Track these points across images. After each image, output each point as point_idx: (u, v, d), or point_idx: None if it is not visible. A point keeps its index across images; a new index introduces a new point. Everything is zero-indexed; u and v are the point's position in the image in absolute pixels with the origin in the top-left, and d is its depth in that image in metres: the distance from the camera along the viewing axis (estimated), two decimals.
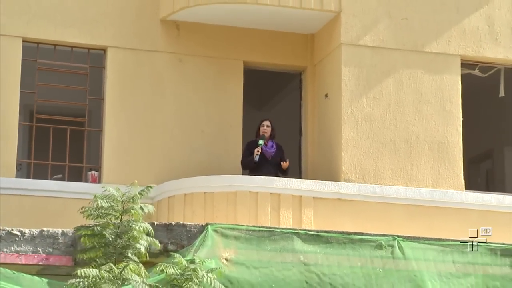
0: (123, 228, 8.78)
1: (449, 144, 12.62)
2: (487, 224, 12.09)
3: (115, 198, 8.84)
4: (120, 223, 8.79)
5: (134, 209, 8.75)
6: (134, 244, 8.73)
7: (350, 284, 10.00)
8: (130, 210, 8.74)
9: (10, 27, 12.20)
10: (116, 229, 8.79)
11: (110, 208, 8.78)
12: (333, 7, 12.50)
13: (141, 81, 12.61)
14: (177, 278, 8.56)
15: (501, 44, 13.06)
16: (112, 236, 8.79)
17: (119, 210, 8.80)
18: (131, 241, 8.74)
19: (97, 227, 8.89)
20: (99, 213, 8.81)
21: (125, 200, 8.86)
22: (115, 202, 8.82)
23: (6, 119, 12.04)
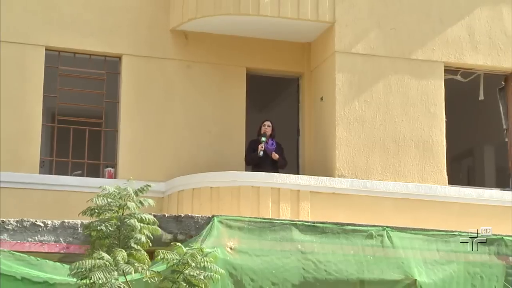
0: (123, 222, 8.75)
1: (434, 143, 12.61)
2: (467, 216, 12.12)
3: (114, 195, 8.81)
4: (119, 217, 8.76)
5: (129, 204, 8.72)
6: (134, 235, 8.70)
7: (343, 270, 9.98)
8: (125, 205, 8.72)
9: (34, 37, 12.22)
10: (117, 222, 8.78)
11: (107, 205, 8.76)
12: (327, 18, 12.50)
13: (153, 85, 12.62)
14: (176, 264, 8.54)
15: (480, 52, 13.06)
16: (111, 229, 8.76)
17: (118, 206, 8.77)
18: (132, 232, 8.71)
19: (95, 223, 8.87)
20: (98, 211, 8.80)
21: (124, 196, 8.82)
22: (114, 199, 8.79)
23: (31, 120, 12.08)
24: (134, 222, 8.60)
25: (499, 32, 13.16)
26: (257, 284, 9.68)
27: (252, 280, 9.67)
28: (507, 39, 13.16)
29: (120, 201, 8.68)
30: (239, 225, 9.89)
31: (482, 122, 14.90)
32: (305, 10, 12.39)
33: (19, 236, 9.36)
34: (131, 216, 8.63)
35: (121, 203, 8.66)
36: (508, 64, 13.13)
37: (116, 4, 12.60)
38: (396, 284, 10.12)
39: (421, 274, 10.18)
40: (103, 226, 8.63)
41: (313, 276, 9.89)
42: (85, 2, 12.49)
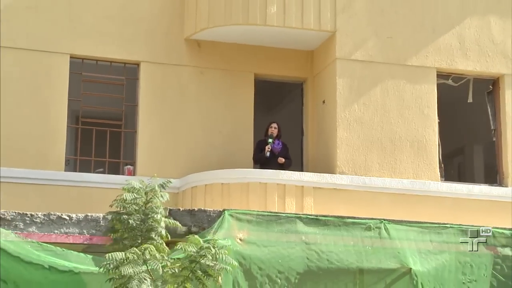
0: (146, 215, 8.77)
1: (427, 142, 12.60)
2: (458, 209, 12.11)
3: (139, 190, 8.82)
4: (143, 211, 8.77)
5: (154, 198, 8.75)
6: (156, 227, 8.72)
7: (344, 260, 9.99)
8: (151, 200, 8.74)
9: (59, 45, 12.23)
10: (141, 215, 8.79)
11: (134, 199, 8.77)
12: (329, 28, 12.49)
13: (168, 90, 12.62)
14: (194, 255, 8.55)
15: (470, 58, 13.03)
16: (137, 222, 8.78)
17: (143, 200, 8.78)
18: (154, 224, 8.73)
19: (123, 216, 8.89)
20: (125, 204, 8.81)
21: (148, 191, 8.84)
22: (138, 193, 8.80)
23: (56, 122, 12.08)
24: (159, 217, 8.64)
25: (487, 40, 13.13)
26: (265, 272, 9.69)
27: (260, 269, 9.68)
28: (494, 47, 13.14)
29: (145, 196, 8.71)
30: (248, 218, 9.91)
31: (471, 123, 14.87)
32: (309, 20, 12.39)
33: (46, 228, 9.39)
34: (156, 211, 8.66)
35: (146, 198, 8.69)
36: (495, 70, 13.10)
37: (135, 15, 12.61)
38: (393, 272, 10.13)
39: (415, 263, 10.18)
40: (131, 219, 8.67)
41: (316, 265, 9.90)
42: (106, 14, 12.50)
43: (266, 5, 12.23)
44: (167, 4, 12.75)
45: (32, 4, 12.15)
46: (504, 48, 13.16)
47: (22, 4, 12.04)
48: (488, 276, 10.46)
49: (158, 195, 8.77)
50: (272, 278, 9.71)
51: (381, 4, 12.77)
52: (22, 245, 8.98)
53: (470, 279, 10.41)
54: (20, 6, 12.00)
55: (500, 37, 13.17)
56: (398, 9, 12.82)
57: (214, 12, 12.38)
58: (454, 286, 10.29)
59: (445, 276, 10.28)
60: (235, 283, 9.33)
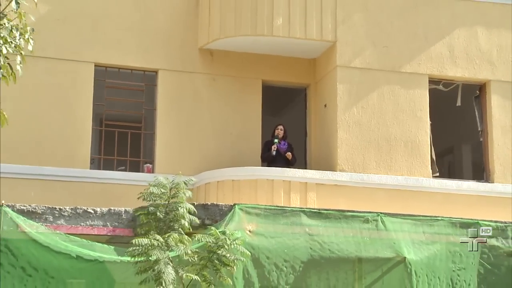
0: (171, 208, 8.79)
1: (420, 142, 12.57)
2: (448, 204, 12.08)
3: (164, 185, 8.85)
4: (168, 204, 8.79)
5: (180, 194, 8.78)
6: (179, 220, 8.74)
7: (344, 249, 9.97)
8: (176, 195, 8.76)
9: (85, 55, 12.26)
10: (165, 209, 8.81)
11: (160, 193, 8.80)
12: (330, 38, 12.49)
13: (184, 95, 12.61)
14: (211, 245, 8.57)
15: (459, 66, 13.01)
16: (162, 214, 8.80)
17: (167, 195, 8.81)
18: (177, 217, 8.75)
19: (150, 208, 8.92)
20: (152, 198, 8.83)
21: (172, 187, 8.87)
22: (164, 188, 8.83)
23: (82, 125, 12.10)
24: (183, 211, 8.66)
25: (475, 49, 13.10)
26: (272, 261, 9.69)
27: (267, 258, 9.68)
28: (481, 55, 13.11)
29: (170, 192, 8.72)
30: (256, 212, 9.90)
31: (460, 125, 14.84)
32: (311, 31, 12.38)
33: (73, 221, 9.41)
34: (178, 204, 8.69)
35: (173, 193, 8.71)
36: (482, 76, 13.07)
37: (153, 27, 12.62)
38: (389, 261, 10.11)
39: (409, 252, 10.16)
40: (158, 212, 8.70)
41: (318, 255, 9.90)
42: (127, 26, 12.51)
43: (273, 18, 12.24)
44: (182, 17, 12.76)
45: (61, 17, 12.20)
46: (490, 56, 13.13)
47: (52, 17, 12.08)
48: (476, 264, 10.44)
49: (182, 191, 8.79)
50: (279, 266, 9.71)
51: (378, 16, 12.76)
52: (51, 236, 9.02)
53: (459, 267, 10.39)
54: (50, 19, 12.03)
55: (486, 46, 13.14)
56: (393, 21, 12.81)
57: (225, 24, 12.39)
58: (444, 273, 10.27)
59: (436, 264, 10.27)
60: (245, 271, 9.34)
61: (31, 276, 8.88)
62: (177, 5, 12.75)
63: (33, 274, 8.88)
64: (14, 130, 11.22)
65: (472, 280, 10.33)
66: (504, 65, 13.17)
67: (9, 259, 8.82)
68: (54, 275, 8.93)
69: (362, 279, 10.08)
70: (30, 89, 11.79)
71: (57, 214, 9.36)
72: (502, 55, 13.18)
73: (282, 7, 12.27)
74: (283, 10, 12.29)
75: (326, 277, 9.90)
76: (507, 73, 13.14)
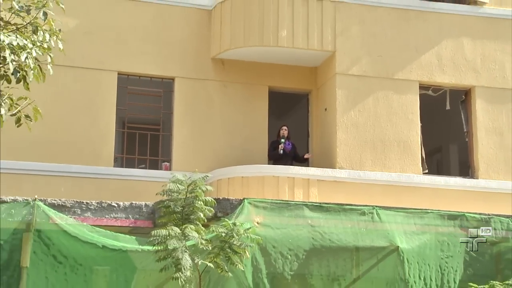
0: (188, 202, 8.79)
1: (411, 142, 12.57)
2: (437, 198, 12.06)
3: (182, 182, 8.86)
4: (185, 199, 8.80)
5: (198, 189, 8.78)
6: (196, 212, 8.74)
7: (343, 239, 9.94)
8: (194, 190, 8.76)
9: (109, 64, 12.30)
10: (183, 203, 8.81)
11: (177, 189, 8.81)
12: (330, 48, 12.50)
13: (198, 100, 12.64)
14: (224, 236, 8.57)
15: (446, 73, 13.00)
16: (179, 208, 8.81)
17: (185, 190, 8.81)
18: (194, 210, 8.76)
19: (169, 202, 8.93)
20: (170, 193, 8.84)
21: (189, 183, 8.87)
22: (182, 184, 8.83)
23: (106, 127, 12.15)
24: (200, 204, 8.68)
25: (461, 58, 13.08)
26: (277, 250, 9.67)
27: (273, 247, 9.65)
28: (467, 63, 13.09)
29: (188, 187, 8.73)
30: (264, 205, 9.87)
31: (448, 126, 14.82)
32: (313, 42, 12.39)
33: (99, 214, 9.41)
34: (195, 198, 8.70)
35: (190, 188, 8.72)
36: (467, 82, 13.05)
37: (170, 39, 12.65)
38: (383, 250, 10.07)
39: (402, 242, 10.13)
40: (176, 205, 8.71)
41: (320, 244, 9.87)
42: (147, 38, 12.54)
43: (278, 30, 12.25)
44: (196, 30, 12.78)
45: (87, 31, 12.24)
46: (474, 64, 13.12)
47: (79, 30, 12.13)
48: (462, 252, 10.40)
49: (201, 186, 8.80)
50: (284, 254, 9.69)
51: (373, 28, 12.76)
52: (79, 228, 9.02)
53: (447, 255, 10.35)
54: (78, 32, 12.08)
55: (471, 56, 13.12)
56: (387, 33, 12.80)
57: (235, 35, 12.41)
58: (434, 261, 10.24)
59: (426, 253, 10.23)
60: (253, 259, 9.33)
61: (61, 263, 8.90)
62: (191, 19, 12.78)
63: (63, 262, 8.90)
64: (45, 132, 11.31)
65: (459, 266, 10.30)
66: (487, 72, 13.15)
67: (42, 248, 8.85)
68: (82, 263, 8.94)
69: (359, 266, 10.06)
70: (59, 95, 11.86)
71: (84, 208, 9.38)
72: (486, 63, 13.16)
73: (286, 20, 12.29)
74: (287, 23, 12.30)
75: (327, 264, 9.88)
76: (490, 80, 13.12)
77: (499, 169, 12.84)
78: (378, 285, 10.08)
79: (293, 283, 9.73)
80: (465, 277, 10.14)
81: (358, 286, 10.02)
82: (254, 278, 9.41)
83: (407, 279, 10.00)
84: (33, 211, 8.93)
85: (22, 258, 8.76)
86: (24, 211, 8.94)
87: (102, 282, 9.13)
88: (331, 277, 9.91)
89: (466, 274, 10.22)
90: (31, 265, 8.75)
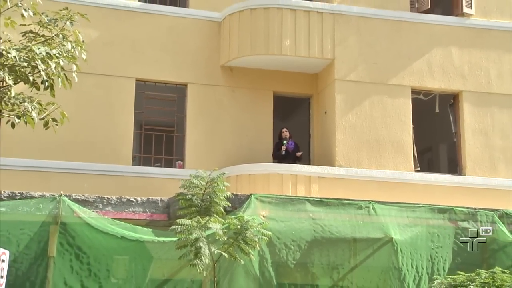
0: (206, 196, 8.81)
1: (404, 142, 12.57)
2: (428, 193, 12.06)
3: (203, 177, 8.87)
4: (204, 193, 8.81)
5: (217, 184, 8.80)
6: (215, 206, 8.75)
7: (341, 231, 9.93)
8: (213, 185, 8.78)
9: (128, 71, 12.35)
10: (201, 196, 8.82)
11: (199, 183, 8.82)
12: (329, 56, 12.51)
13: (208, 104, 12.65)
14: (238, 228, 8.57)
15: (436, 79, 13.00)
16: (198, 201, 8.81)
17: (204, 185, 8.83)
18: (212, 204, 8.77)
19: (189, 195, 8.94)
20: (192, 187, 8.85)
21: (208, 179, 8.88)
22: (202, 180, 8.84)
23: (125, 129, 12.18)
24: (221, 197, 8.70)
25: (449, 65, 13.09)
26: (282, 241, 9.67)
27: (278, 238, 9.64)
28: (455, 70, 13.09)
29: (207, 184, 8.74)
30: (269, 200, 9.87)
31: (437, 128, 14.82)
32: (314, 51, 12.40)
33: (119, 208, 9.43)
34: (213, 193, 8.71)
35: (206, 184, 8.72)
36: (455, 87, 13.06)
37: (183, 48, 12.68)
38: (378, 241, 10.05)
39: (396, 233, 10.12)
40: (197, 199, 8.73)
41: (320, 235, 9.86)
42: (162, 48, 12.58)
43: (282, 40, 12.27)
44: (207, 40, 12.81)
45: (107, 41, 12.29)
46: (462, 71, 13.12)
47: (100, 41, 12.18)
48: (451, 243, 10.38)
49: (220, 183, 8.82)
50: (287, 245, 9.69)
51: (369, 38, 12.77)
52: (101, 221, 9.05)
53: (437, 246, 10.34)
54: (99, 42, 12.14)
55: (459, 63, 13.12)
56: (382, 42, 12.81)
57: (243, 45, 12.44)
58: (425, 251, 10.23)
59: (418, 243, 10.22)
60: (260, 249, 9.36)
61: (85, 253, 8.92)
62: (202, 30, 12.81)
63: (86, 252, 8.92)
64: (70, 133, 11.35)
65: (448, 256, 10.29)
66: (474, 78, 13.15)
67: (67, 239, 8.88)
68: (104, 252, 8.96)
69: (356, 256, 10.06)
70: (83, 100, 11.90)
71: (105, 202, 9.40)
72: (472, 70, 13.16)
73: (289, 31, 12.31)
74: (290, 33, 12.32)
75: (327, 254, 9.88)
76: (476, 85, 13.12)
77: (485, 166, 12.83)
78: (374, 273, 10.08)
79: (295, 271, 9.74)
80: (453, 266, 10.12)
81: (355, 274, 10.02)
82: (260, 267, 9.42)
83: (400, 267, 9.99)
84: (59, 205, 8.96)
85: (49, 249, 8.80)
86: (51, 206, 8.98)
87: (121, 270, 9.16)
88: (330, 265, 9.91)
89: (454, 262, 10.21)
90: (58, 255, 8.79)
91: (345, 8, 12.70)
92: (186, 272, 8.98)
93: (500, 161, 12.90)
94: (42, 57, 6.37)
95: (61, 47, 6.65)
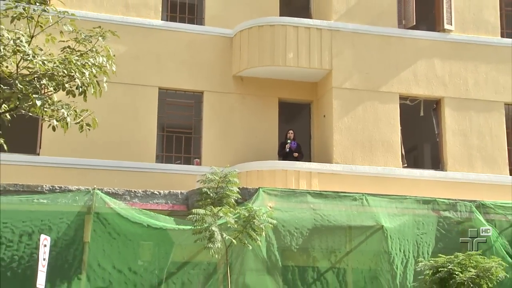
0: (220, 190, 8.84)
1: (393, 142, 12.55)
2: (414, 187, 12.02)
3: (217, 173, 8.90)
4: (218, 187, 8.84)
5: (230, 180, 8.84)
6: (227, 198, 8.79)
7: (338, 220, 9.98)
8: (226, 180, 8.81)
9: (152, 81, 12.34)
10: (215, 190, 8.85)
11: (214, 178, 8.86)
12: (327, 67, 12.50)
13: (222, 109, 12.64)
14: (246, 217, 8.59)
15: (421, 86, 12.97)
16: (213, 194, 8.85)
17: (218, 180, 8.86)
18: (224, 196, 8.81)
19: (204, 189, 8.98)
20: (208, 181, 8.88)
21: (222, 175, 8.91)
22: (216, 175, 8.88)
23: (150, 131, 12.17)
24: (232, 191, 8.74)
25: (432, 74, 13.05)
26: (286, 228, 9.74)
27: (283, 226, 9.72)
28: (437, 79, 13.06)
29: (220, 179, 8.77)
30: (275, 193, 9.95)
31: (422, 129, 14.79)
32: (314, 62, 12.39)
33: (144, 200, 9.51)
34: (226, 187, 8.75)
35: (219, 179, 8.76)
36: (438, 94, 13.02)
37: (200, 61, 12.66)
38: (371, 228, 10.11)
39: (386, 222, 10.16)
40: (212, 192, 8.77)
41: (320, 224, 9.93)
42: (181, 60, 12.55)
43: (286, 52, 12.28)
44: (220, 53, 12.80)
45: (134, 55, 12.31)
46: (443, 79, 13.08)
47: (127, 55, 12.18)
48: (434, 230, 10.41)
49: (232, 178, 8.86)
50: (291, 232, 9.76)
51: (362, 51, 12.76)
52: (129, 211, 9.15)
53: (422, 232, 10.37)
54: (126, 56, 12.14)
55: (441, 73, 13.09)
56: (373, 55, 12.80)
57: (252, 58, 12.44)
58: (411, 237, 10.25)
59: (405, 231, 10.25)
60: (267, 236, 9.37)
61: (115, 239, 9.02)
62: (217, 45, 12.82)
63: (116, 238, 9.02)
64: (102, 135, 11.40)
65: (431, 241, 10.31)
66: (454, 86, 13.11)
67: (100, 227, 8.98)
68: (131, 238, 9.07)
69: (351, 241, 10.10)
70: (112, 106, 11.92)
71: (133, 195, 9.49)
72: (452, 79, 13.12)
73: (292, 45, 12.32)
74: (293, 47, 12.32)
75: (326, 240, 9.93)
76: (456, 92, 13.09)
77: (463, 163, 12.80)
78: (367, 257, 10.12)
79: (298, 255, 9.80)
80: (436, 250, 10.15)
81: (350, 257, 10.06)
82: (267, 251, 9.48)
83: (390, 251, 10.03)
84: (93, 197, 9.06)
85: (85, 235, 8.89)
86: (86, 198, 9.07)
87: (147, 254, 9.24)
88: (329, 250, 9.97)
89: (437, 247, 10.23)
90: (92, 241, 8.89)
91: (341, 25, 12.70)
92: (203, 256, 9.04)
93: (477, 158, 12.87)
94: (77, 67, 6.45)
95: (94, 60, 6.73)
